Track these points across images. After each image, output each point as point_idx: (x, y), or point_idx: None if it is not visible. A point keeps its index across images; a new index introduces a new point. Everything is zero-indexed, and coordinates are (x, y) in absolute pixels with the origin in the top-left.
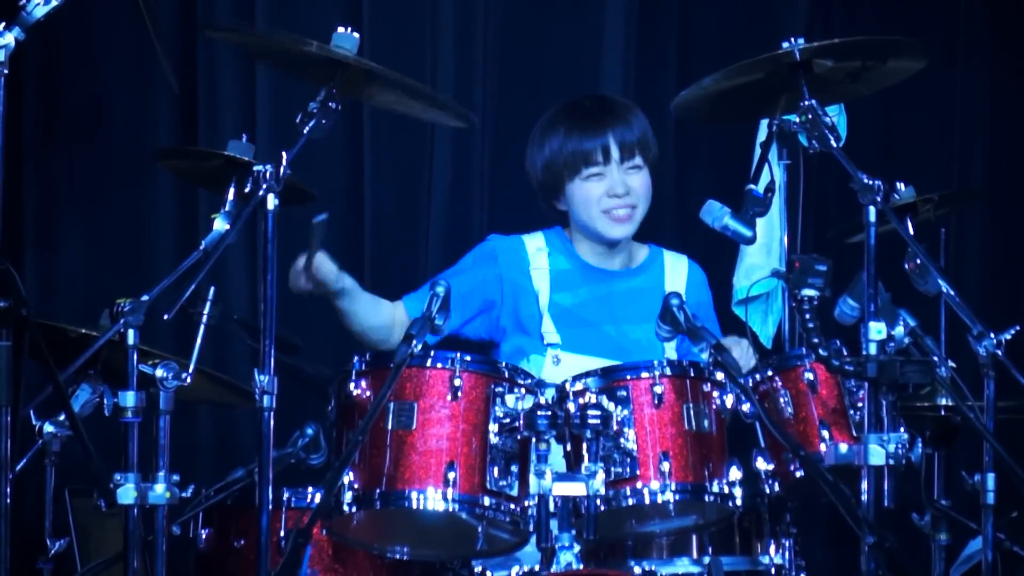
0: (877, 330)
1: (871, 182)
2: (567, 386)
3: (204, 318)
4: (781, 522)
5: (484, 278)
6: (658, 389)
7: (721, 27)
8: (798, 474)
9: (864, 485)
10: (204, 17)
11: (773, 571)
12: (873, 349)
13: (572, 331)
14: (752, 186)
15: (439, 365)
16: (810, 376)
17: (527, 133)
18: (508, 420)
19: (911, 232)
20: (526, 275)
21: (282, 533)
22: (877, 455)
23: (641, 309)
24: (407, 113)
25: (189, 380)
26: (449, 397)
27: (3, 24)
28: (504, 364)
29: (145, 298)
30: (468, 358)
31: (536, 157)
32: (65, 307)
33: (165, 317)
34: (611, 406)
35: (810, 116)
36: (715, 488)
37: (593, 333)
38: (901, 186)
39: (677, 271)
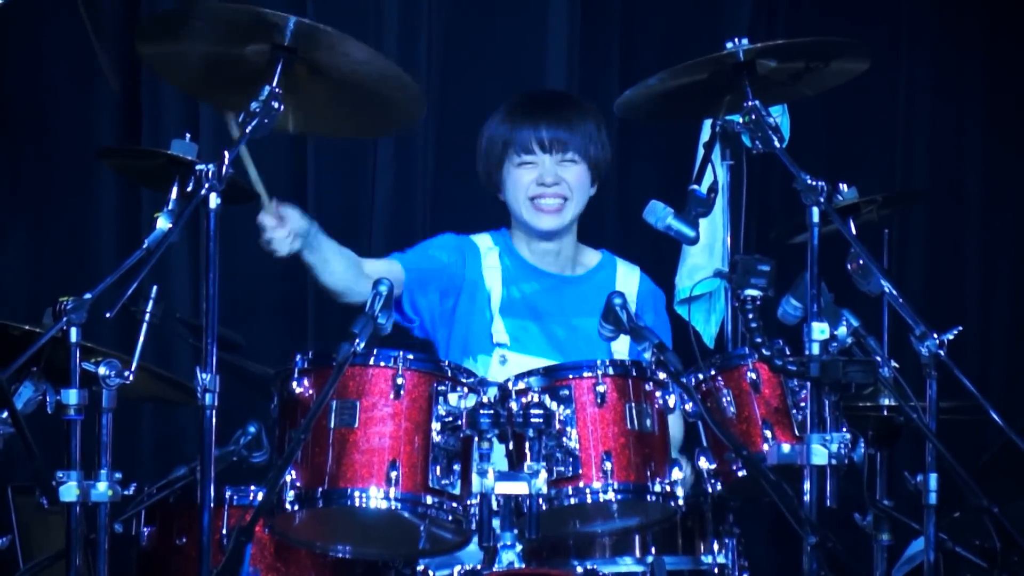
0: (820, 330)
1: (814, 183)
2: (509, 385)
3: (146, 316)
4: (724, 522)
5: (448, 263)
6: (601, 388)
7: (665, 26)
8: (740, 474)
9: (806, 485)
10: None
11: (716, 571)
12: (816, 349)
13: (521, 331)
14: (695, 186)
15: (382, 363)
16: (753, 376)
17: (470, 132)
18: (451, 419)
19: (854, 232)
20: (479, 274)
21: (224, 531)
22: (819, 455)
23: (589, 310)
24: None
25: (131, 378)
26: (392, 395)
27: None
28: (447, 363)
29: (88, 296)
30: (411, 356)
31: (481, 142)
32: (8, 305)
33: (108, 315)
34: (553, 405)
35: (753, 116)
36: (657, 488)
37: (542, 334)
38: (844, 187)
39: (629, 280)
